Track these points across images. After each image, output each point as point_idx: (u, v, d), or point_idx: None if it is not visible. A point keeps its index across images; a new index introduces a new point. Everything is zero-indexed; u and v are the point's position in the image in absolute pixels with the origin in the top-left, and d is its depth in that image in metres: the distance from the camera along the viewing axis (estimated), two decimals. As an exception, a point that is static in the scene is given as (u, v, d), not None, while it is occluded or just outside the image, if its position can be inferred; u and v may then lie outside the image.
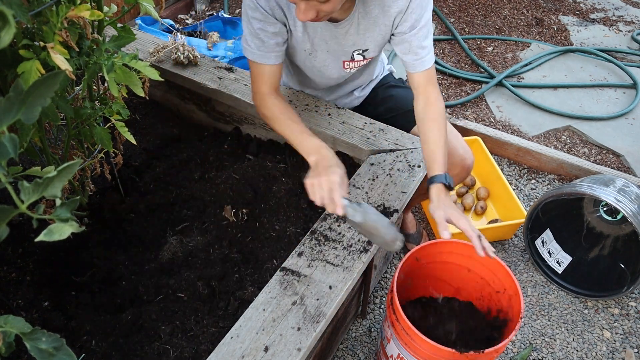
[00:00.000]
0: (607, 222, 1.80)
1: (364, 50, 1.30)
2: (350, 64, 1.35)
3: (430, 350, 1.12)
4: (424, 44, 1.23)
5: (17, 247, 1.27)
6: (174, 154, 1.59)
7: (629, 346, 1.62)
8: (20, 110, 0.54)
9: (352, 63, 1.34)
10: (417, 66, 1.25)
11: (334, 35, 1.25)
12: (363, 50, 1.30)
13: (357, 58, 1.33)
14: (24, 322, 0.63)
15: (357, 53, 1.31)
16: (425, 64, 1.25)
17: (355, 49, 1.29)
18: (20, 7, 0.67)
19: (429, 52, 1.25)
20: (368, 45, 1.29)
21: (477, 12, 3.24)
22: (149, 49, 1.69)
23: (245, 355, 0.93)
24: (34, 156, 1.09)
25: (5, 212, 0.54)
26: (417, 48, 1.23)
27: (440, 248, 1.36)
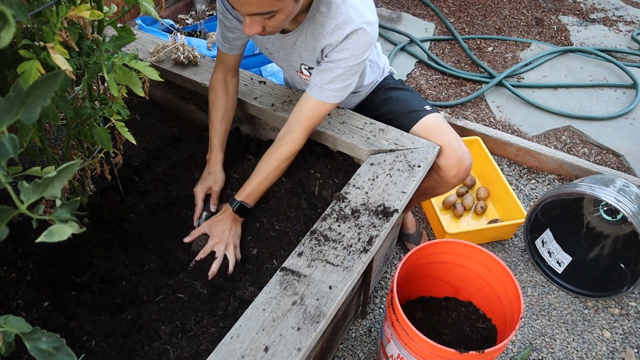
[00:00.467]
0: (607, 222, 1.80)
1: (309, 67, 1.31)
2: (303, 76, 1.37)
3: (430, 350, 1.12)
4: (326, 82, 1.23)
5: (17, 247, 1.27)
6: (174, 154, 1.59)
7: (629, 346, 1.62)
8: (20, 110, 0.54)
9: (302, 75, 1.37)
10: (312, 90, 1.26)
11: (282, 45, 1.29)
12: (309, 67, 1.31)
13: (305, 73, 1.34)
14: (24, 322, 0.63)
15: (304, 67, 1.33)
16: (317, 94, 1.25)
17: (301, 63, 1.31)
18: (20, 7, 0.67)
19: (332, 89, 1.23)
20: (311, 63, 1.29)
21: (477, 12, 3.24)
22: (149, 49, 1.69)
23: (245, 355, 0.93)
24: (34, 156, 1.09)
25: (5, 213, 0.54)
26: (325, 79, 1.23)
27: (440, 248, 1.36)
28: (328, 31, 1.17)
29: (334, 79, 1.23)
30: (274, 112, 1.47)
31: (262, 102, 1.50)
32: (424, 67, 2.76)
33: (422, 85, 2.62)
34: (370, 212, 1.20)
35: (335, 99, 1.26)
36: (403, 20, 3.11)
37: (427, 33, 3.01)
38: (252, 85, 1.56)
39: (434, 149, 1.36)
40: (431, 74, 2.72)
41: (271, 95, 1.53)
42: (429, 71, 2.73)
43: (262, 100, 1.51)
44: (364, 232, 1.15)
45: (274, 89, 1.56)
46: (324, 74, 1.23)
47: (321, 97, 1.25)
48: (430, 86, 2.63)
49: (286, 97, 1.52)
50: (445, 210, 2.01)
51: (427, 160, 1.33)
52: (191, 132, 1.72)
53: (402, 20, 3.11)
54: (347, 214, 1.19)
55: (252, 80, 1.59)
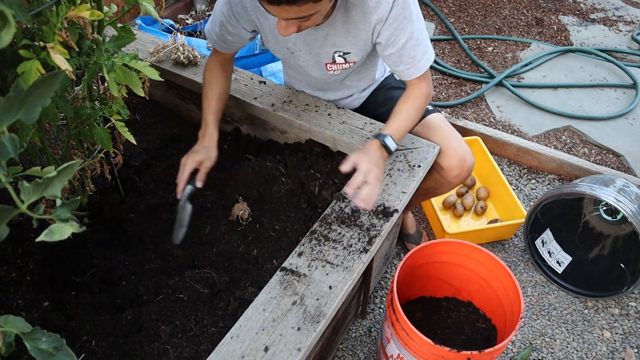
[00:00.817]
0: (607, 222, 1.80)
1: (344, 53, 1.30)
2: (333, 66, 1.35)
3: (430, 350, 1.12)
4: (414, 54, 1.24)
5: (17, 247, 1.27)
6: (174, 154, 1.59)
7: (629, 346, 1.62)
8: (20, 110, 0.54)
9: (334, 65, 1.35)
10: (411, 74, 1.27)
11: (314, 37, 1.28)
12: (344, 53, 1.30)
13: (339, 60, 1.33)
14: (24, 322, 0.63)
15: (337, 55, 1.31)
16: (418, 71, 1.27)
17: (335, 50, 1.30)
18: (20, 7, 0.67)
19: (421, 60, 1.25)
20: (349, 49, 1.29)
21: (477, 12, 3.24)
22: (149, 49, 1.69)
23: (245, 355, 0.93)
24: (34, 156, 1.09)
25: (5, 212, 0.54)
26: (407, 59, 1.24)
27: (440, 248, 1.36)
28: (372, 7, 1.16)
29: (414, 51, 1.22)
30: (274, 112, 1.47)
31: (262, 102, 1.50)
32: (424, 67, 2.76)
33: (422, 85, 2.62)
34: (370, 212, 1.20)
35: (429, 59, 1.27)
36: (403, 20, 3.11)
37: (427, 33, 3.01)
38: (252, 85, 1.56)
39: (434, 149, 1.36)
40: (431, 74, 2.71)
41: (271, 95, 1.53)
42: (429, 71, 2.73)
43: (262, 100, 1.51)
44: (364, 232, 1.15)
45: (274, 89, 1.56)
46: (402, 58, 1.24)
47: (420, 72, 1.27)
48: (430, 86, 2.63)
49: (286, 97, 1.52)
50: (445, 210, 2.01)
51: (427, 160, 1.33)
52: (191, 132, 1.71)
53: (402, 20, 3.11)
54: (347, 214, 1.19)
55: (252, 80, 1.59)
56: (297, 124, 1.45)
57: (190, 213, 1.33)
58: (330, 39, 1.27)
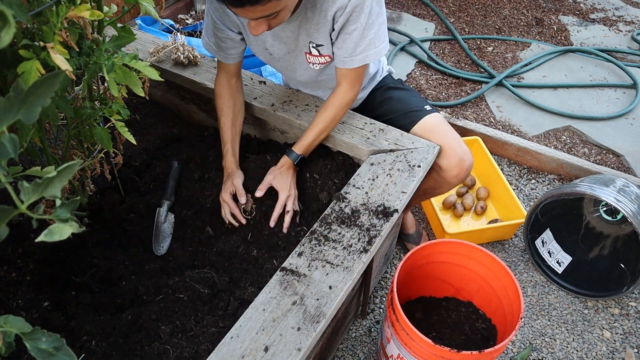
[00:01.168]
0: (607, 222, 1.80)
1: (317, 45, 1.30)
2: (311, 57, 1.35)
3: (430, 350, 1.12)
4: (356, 45, 1.24)
5: (17, 247, 1.27)
6: (174, 154, 1.59)
7: (629, 346, 1.62)
8: (20, 110, 0.54)
9: (312, 57, 1.35)
10: (345, 63, 1.28)
11: (287, 32, 1.28)
12: (317, 45, 1.30)
13: (314, 52, 1.33)
14: (24, 322, 0.63)
15: (312, 46, 1.31)
16: (353, 63, 1.27)
17: (309, 41, 1.30)
18: (20, 7, 0.67)
19: (360, 54, 1.25)
20: (321, 40, 1.29)
21: (477, 12, 3.24)
22: (149, 49, 1.69)
23: (245, 355, 0.93)
24: (34, 156, 1.09)
25: (5, 212, 0.54)
26: (349, 46, 1.24)
27: (440, 248, 1.36)
28: None
29: (356, 45, 1.24)
30: (274, 112, 1.47)
31: (262, 102, 1.50)
32: (424, 67, 2.76)
33: (422, 85, 2.62)
34: (370, 212, 1.20)
35: (367, 57, 1.27)
36: (403, 20, 3.11)
37: (427, 33, 3.01)
38: (252, 85, 1.56)
39: (434, 149, 1.36)
40: (431, 74, 2.72)
41: (271, 95, 1.53)
42: (429, 71, 2.73)
43: (262, 100, 1.51)
44: (364, 232, 1.15)
45: (274, 89, 1.56)
46: (344, 44, 1.24)
47: (353, 65, 1.28)
48: (430, 86, 2.63)
49: (286, 97, 1.52)
50: (445, 210, 2.01)
51: (427, 160, 1.33)
52: (191, 132, 1.72)
53: (402, 20, 3.11)
54: (347, 214, 1.19)
55: (252, 80, 1.59)
56: (297, 124, 1.45)
57: (173, 223, 1.41)
58: (303, 28, 1.27)
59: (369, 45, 1.24)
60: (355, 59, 1.26)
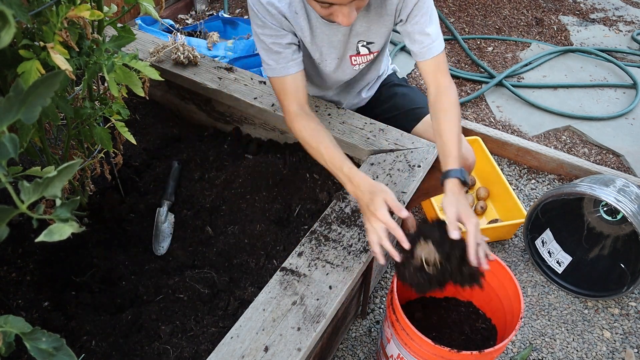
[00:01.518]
0: (607, 222, 1.80)
1: (368, 43, 1.29)
2: (357, 58, 1.34)
3: (430, 350, 1.12)
4: (428, 31, 1.21)
5: (17, 247, 1.27)
6: (174, 154, 1.59)
7: (629, 346, 1.62)
8: (20, 110, 0.54)
9: (358, 57, 1.34)
10: (424, 54, 1.23)
11: (339, 36, 1.25)
12: (367, 43, 1.29)
13: (363, 51, 1.32)
14: (24, 322, 0.63)
15: (361, 45, 1.30)
16: (432, 52, 1.23)
17: (359, 40, 1.29)
18: (20, 7, 0.67)
19: (435, 40, 1.23)
20: (373, 38, 1.28)
21: (477, 12, 3.24)
22: (149, 49, 1.69)
23: (245, 355, 0.93)
24: (34, 156, 1.09)
25: (5, 212, 0.54)
26: (419, 36, 1.22)
27: (440, 248, 1.36)
28: None
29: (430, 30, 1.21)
30: (274, 112, 1.47)
31: (262, 102, 1.50)
32: (424, 67, 2.76)
33: (423, 86, 2.62)
34: (370, 212, 1.19)
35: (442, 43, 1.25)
36: (403, 20, 3.11)
37: (427, 33, 3.01)
38: (252, 85, 1.56)
39: (434, 149, 1.36)
40: (431, 74, 2.72)
41: (271, 95, 1.53)
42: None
43: (262, 100, 1.51)
44: (364, 232, 1.15)
45: (274, 89, 1.56)
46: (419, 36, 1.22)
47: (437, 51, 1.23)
48: (430, 86, 2.63)
49: (286, 97, 1.52)
50: (445, 210, 2.01)
51: (427, 160, 1.33)
52: (191, 132, 1.72)
53: (402, 20, 3.11)
54: (347, 214, 1.19)
55: (252, 80, 1.59)
56: (297, 124, 1.45)
57: (173, 223, 1.40)
58: (353, 30, 1.25)
59: (439, 30, 1.23)
60: (434, 46, 1.22)
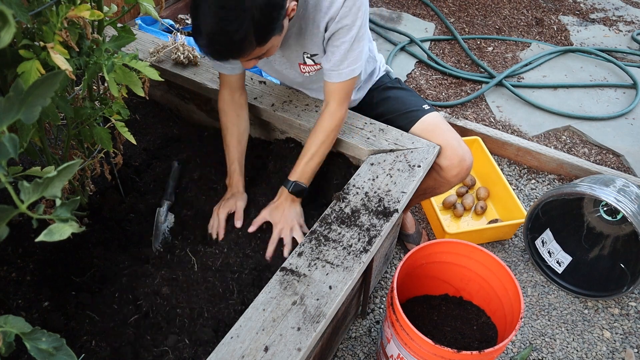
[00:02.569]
0: (607, 222, 1.80)
1: (312, 55, 1.31)
2: (305, 67, 1.36)
3: (430, 350, 1.12)
4: (342, 58, 1.24)
5: (17, 247, 1.27)
6: (174, 154, 1.59)
7: (629, 346, 1.62)
8: (20, 110, 0.54)
9: (306, 67, 1.36)
10: (332, 77, 1.28)
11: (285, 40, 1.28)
12: (311, 55, 1.31)
13: (308, 62, 1.34)
14: (24, 322, 0.63)
15: (306, 56, 1.33)
16: (340, 77, 1.26)
17: (304, 51, 1.31)
18: (20, 7, 0.67)
19: (347, 67, 1.25)
20: (315, 50, 1.30)
21: (477, 12, 3.24)
22: (149, 49, 1.69)
23: (245, 355, 0.93)
24: (34, 156, 1.09)
25: (5, 212, 0.54)
26: (337, 61, 1.24)
27: (440, 248, 1.36)
28: (326, 6, 1.18)
29: (343, 57, 1.24)
30: (274, 112, 1.47)
31: (262, 102, 1.50)
32: (424, 67, 2.76)
33: (422, 85, 2.62)
34: (370, 212, 1.20)
35: (354, 71, 1.27)
36: (403, 20, 3.11)
37: (427, 33, 3.01)
38: (252, 85, 1.56)
39: (434, 149, 1.36)
40: (431, 74, 2.72)
41: (271, 95, 1.53)
42: (429, 71, 2.73)
43: (262, 100, 1.51)
44: (364, 232, 1.15)
45: (274, 89, 1.56)
46: (332, 56, 1.24)
47: (341, 78, 1.27)
48: (430, 86, 2.63)
49: (286, 97, 1.52)
50: (445, 210, 2.01)
51: (427, 160, 1.33)
52: (191, 132, 1.72)
53: (402, 20, 3.11)
54: (347, 214, 1.19)
55: (252, 80, 1.59)
56: (297, 124, 1.45)
57: (173, 223, 1.41)
58: (300, 41, 1.28)
59: (356, 58, 1.25)
60: (342, 72, 1.26)
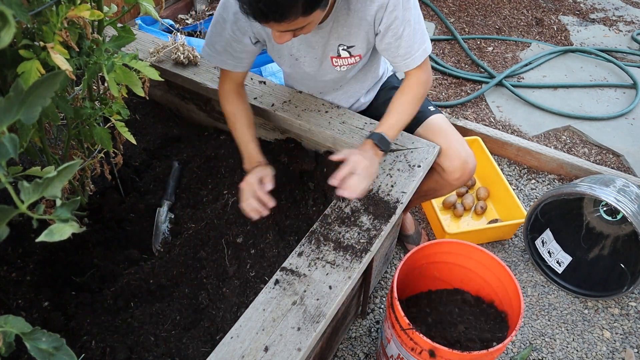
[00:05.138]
0: (607, 222, 1.80)
1: (348, 47, 1.29)
2: (338, 60, 1.34)
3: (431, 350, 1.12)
4: (411, 44, 1.23)
5: (17, 247, 1.27)
6: (174, 154, 1.59)
7: (629, 346, 1.62)
8: (20, 110, 0.54)
9: (339, 60, 1.34)
10: (409, 65, 1.27)
11: (317, 37, 1.27)
12: (348, 47, 1.29)
13: (343, 54, 1.32)
14: (24, 322, 0.63)
15: (342, 48, 1.30)
16: (415, 61, 1.27)
17: (339, 43, 1.29)
18: (20, 7, 0.67)
19: (418, 50, 1.25)
20: (352, 42, 1.28)
21: (477, 12, 3.24)
22: (149, 49, 1.69)
23: (245, 355, 0.93)
24: (34, 156, 1.09)
25: (5, 212, 0.54)
26: (405, 49, 1.23)
27: (440, 248, 1.36)
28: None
29: (411, 41, 1.22)
30: (274, 112, 1.47)
31: (262, 102, 1.50)
32: (424, 67, 2.76)
33: (422, 85, 2.62)
34: (370, 212, 1.20)
35: (427, 50, 1.26)
36: (403, 20, 3.11)
37: (427, 33, 3.01)
38: (252, 85, 1.56)
39: (434, 149, 1.36)
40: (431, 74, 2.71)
41: (271, 95, 1.53)
42: (428, 60, 2.72)
43: (262, 100, 1.51)
44: (364, 232, 1.15)
45: (274, 89, 1.56)
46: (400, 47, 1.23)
47: (416, 63, 1.27)
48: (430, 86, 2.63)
49: (286, 97, 1.52)
50: (445, 210, 2.01)
51: (427, 161, 1.33)
52: (191, 132, 1.72)
53: (402, 20, 3.11)
54: (347, 214, 1.19)
55: (252, 80, 1.59)
56: (297, 124, 1.45)
57: (173, 223, 1.41)
58: (334, 32, 1.25)
59: (423, 37, 1.24)
60: (416, 57, 1.26)
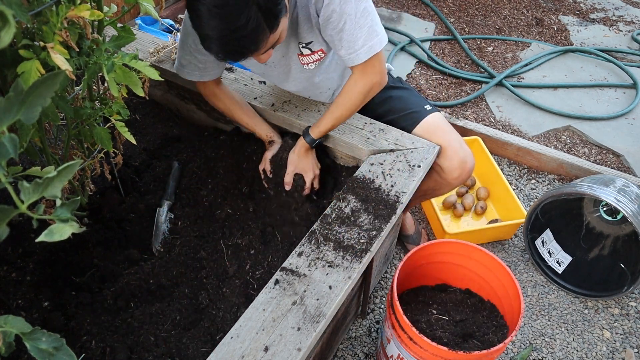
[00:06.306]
0: (607, 222, 1.80)
1: (307, 44, 1.29)
2: (304, 58, 1.33)
3: (431, 351, 1.12)
4: (353, 38, 1.17)
5: (17, 247, 1.27)
6: (174, 154, 1.59)
7: (629, 346, 1.62)
8: (20, 110, 0.54)
9: (304, 58, 1.33)
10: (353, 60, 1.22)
11: None
12: (306, 44, 1.29)
13: (305, 52, 1.31)
14: (24, 322, 0.63)
15: (301, 46, 1.30)
16: (359, 58, 1.20)
17: (298, 41, 1.29)
18: (20, 7, 0.67)
19: (363, 46, 1.18)
20: (309, 38, 1.27)
21: (477, 12, 3.24)
22: (149, 49, 1.69)
23: (245, 355, 0.93)
24: (34, 156, 1.09)
25: (5, 212, 0.54)
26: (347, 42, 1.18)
27: (440, 248, 1.36)
28: None
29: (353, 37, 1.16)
30: (274, 112, 1.47)
31: (262, 102, 1.50)
32: (424, 67, 2.76)
33: (422, 85, 2.62)
34: (370, 212, 1.20)
35: (373, 48, 1.19)
36: (403, 20, 3.11)
37: (427, 33, 3.01)
38: (252, 85, 1.56)
39: (433, 149, 1.36)
40: (431, 74, 2.72)
41: (271, 95, 1.53)
42: (429, 71, 2.73)
43: (262, 100, 1.51)
44: (364, 232, 1.15)
45: (274, 89, 1.56)
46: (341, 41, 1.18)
47: (360, 59, 1.20)
48: (430, 86, 2.63)
49: (286, 97, 1.52)
50: (445, 210, 2.01)
51: (427, 160, 1.33)
52: (191, 132, 1.72)
53: (402, 20, 3.11)
54: (347, 214, 1.19)
55: (252, 80, 1.59)
56: (297, 124, 1.45)
57: (173, 223, 1.41)
58: (291, 31, 1.25)
59: (370, 34, 1.17)
60: (360, 53, 1.19)
